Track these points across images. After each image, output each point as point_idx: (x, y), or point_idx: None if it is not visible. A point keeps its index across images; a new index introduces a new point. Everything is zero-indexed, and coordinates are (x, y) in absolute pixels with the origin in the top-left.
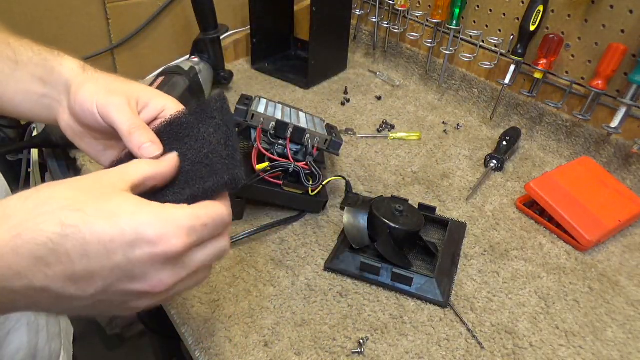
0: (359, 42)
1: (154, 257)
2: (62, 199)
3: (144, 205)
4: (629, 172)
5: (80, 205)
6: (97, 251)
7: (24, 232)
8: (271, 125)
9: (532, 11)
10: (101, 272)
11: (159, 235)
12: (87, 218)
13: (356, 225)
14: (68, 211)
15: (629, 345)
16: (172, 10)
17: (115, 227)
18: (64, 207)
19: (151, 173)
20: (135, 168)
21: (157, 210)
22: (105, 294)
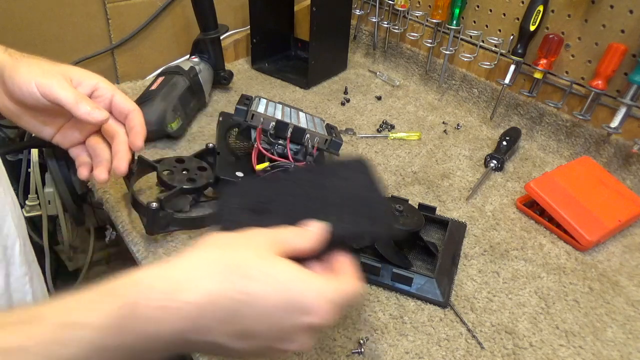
0: (359, 42)
1: (311, 326)
2: (225, 263)
3: (305, 276)
4: (629, 172)
5: (245, 270)
6: (267, 315)
7: (213, 296)
8: (271, 125)
9: (532, 11)
10: (266, 334)
11: (319, 309)
12: (258, 285)
13: None
14: (238, 277)
15: (629, 345)
16: (172, 10)
17: (283, 296)
18: (232, 272)
19: (302, 247)
20: (287, 237)
21: (318, 283)
22: (259, 349)
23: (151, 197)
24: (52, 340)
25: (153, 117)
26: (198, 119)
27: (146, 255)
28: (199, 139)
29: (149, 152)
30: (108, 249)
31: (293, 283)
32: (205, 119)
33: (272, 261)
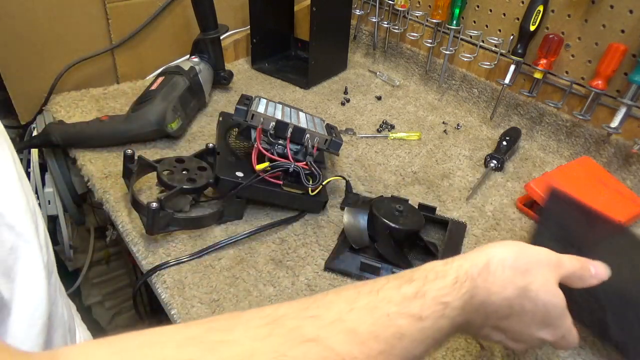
0: (359, 42)
1: (543, 340)
2: (512, 267)
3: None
4: (629, 172)
5: (528, 278)
6: (529, 322)
7: (513, 298)
8: (271, 125)
9: (532, 11)
10: (520, 329)
11: (557, 334)
12: (534, 287)
13: (356, 225)
14: (520, 276)
15: None
16: (172, 10)
17: (553, 299)
18: (515, 274)
19: (577, 270)
20: (568, 261)
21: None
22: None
23: (151, 197)
24: (435, 313)
25: (153, 117)
26: (198, 119)
27: (146, 255)
28: (199, 139)
29: (149, 152)
30: (108, 249)
31: (557, 303)
32: (205, 119)
33: (549, 284)
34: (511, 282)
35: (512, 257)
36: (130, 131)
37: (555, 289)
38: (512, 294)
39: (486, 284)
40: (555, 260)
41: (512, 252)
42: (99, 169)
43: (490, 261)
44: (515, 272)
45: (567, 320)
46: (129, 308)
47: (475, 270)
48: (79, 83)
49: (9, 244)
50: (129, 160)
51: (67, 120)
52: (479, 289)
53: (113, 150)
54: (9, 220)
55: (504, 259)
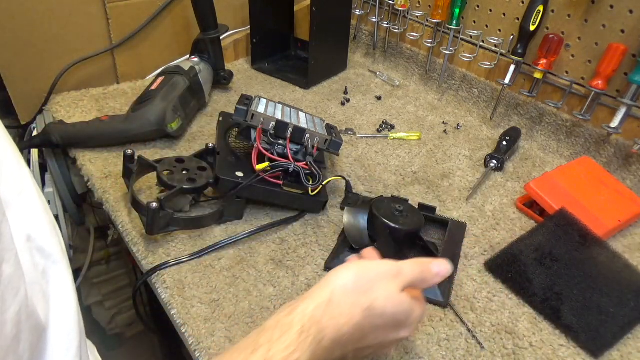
0: (359, 42)
1: (401, 338)
2: (354, 290)
3: (411, 303)
4: (629, 172)
5: (371, 296)
6: (382, 333)
7: (357, 326)
8: (271, 125)
9: (532, 11)
10: (379, 340)
11: (412, 326)
12: (381, 320)
13: (356, 225)
14: (364, 297)
15: (628, 345)
16: (172, 10)
17: (395, 319)
18: (359, 297)
19: (418, 275)
20: (409, 268)
21: (417, 308)
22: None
23: (151, 197)
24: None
25: (153, 117)
26: (198, 119)
27: (146, 255)
28: (199, 139)
29: (149, 152)
30: (108, 249)
31: (404, 309)
32: (205, 119)
33: (393, 295)
34: (356, 306)
35: (352, 281)
36: (130, 131)
37: (399, 298)
38: (360, 318)
39: (333, 320)
40: (395, 271)
41: (352, 276)
42: (99, 169)
43: (333, 294)
44: (358, 294)
45: (416, 314)
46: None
47: (319, 312)
48: (79, 83)
49: (41, 267)
50: (129, 160)
51: (67, 120)
52: (326, 330)
53: (113, 150)
54: (39, 243)
55: (345, 285)
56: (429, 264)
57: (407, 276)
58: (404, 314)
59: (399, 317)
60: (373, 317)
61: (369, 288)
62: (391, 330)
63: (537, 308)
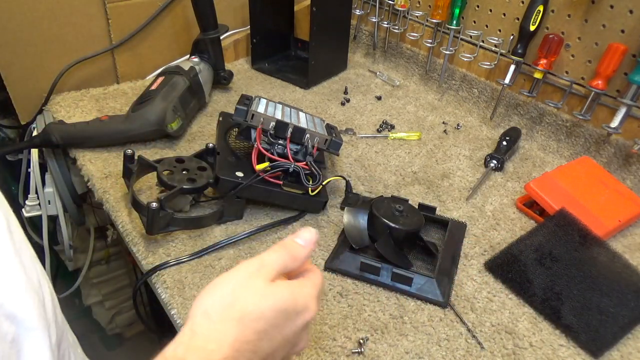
0: (359, 42)
1: (307, 323)
2: (218, 311)
3: (290, 287)
4: (629, 172)
5: (238, 305)
6: (277, 333)
7: (236, 343)
8: (271, 125)
9: (532, 11)
10: (281, 346)
11: (310, 306)
12: (263, 321)
13: (356, 225)
14: (232, 310)
15: (628, 345)
16: (172, 10)
17: (282, 311)
18: (226, 313)
19: (285, 256)
20: (271, 256)
21: (300, 287)
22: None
23: (151, 197)
24: None
25: (153, 117)
26: (198, 119)
27: (146, 255)
28: (199, 139)
29: (149, 152)
30: (108, 249)
31: (284, 298)
32: (205, 119)
33: (263, 291)
34: (226, 322)
35: (212, 300)
36: (130, 131)
37: (270, 291)
38: (237, 332)
39: (197, 353)
40: (256, 266)
41: (210, 295)
42: (99, 169)
43: (194, 325)
44: (223, 312)
45: (306, 290)
46: (129, 308)
47: (180, 350)
48: (79, 83)
49: (10, 336)
50: (129, 160)
51: (67, 120)
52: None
53: (113, 150)
54: (8, 309)
55: (205, 311)
56: (292, 239)
57: (271, 264)
58: (288, 302)
59: (284, 308)
60: (253, 323)
61: (234, 298)
62: (287, 324)
63: (537, 308)
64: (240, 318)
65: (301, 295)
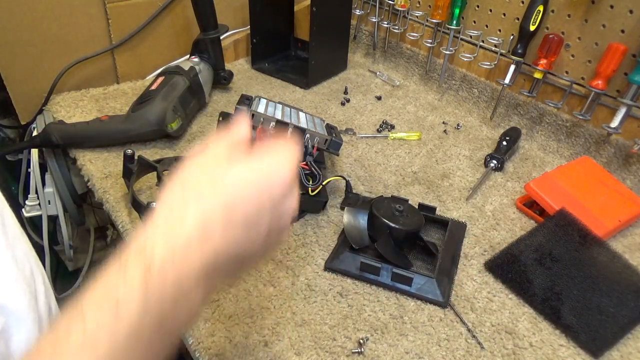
0: (359, 42)
1: (288, 186)
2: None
3: (262, 159)
4: (629, 172)
5: (219, 180)
6: (255, 196)
7: (206, 211)
8: (271, 125)
9: (532, 11)
10: (262, 213)
11: (285, 171)
12: (235, 186)
13: (356, 225)
14: (218, 187)
15: (628, 345)
16: (172, 10)
17: (257, 179)
18: (211, 185)
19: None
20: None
21: (271, 157)
22: (267, 231)
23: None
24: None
25: (153, 117)
26: (198, 119)
27: None
28: (199, 139)
29: (149, 152)
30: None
31: (258, 169)
32: (205, 119)
33: (235, 165)
34: (187, 207)
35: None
36: (130, 131)
37: (227, 168)
38: (210, 200)
39: (156, 236)
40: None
41: (176, 183)
42: (99, 169)
43: (156, 213)
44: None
45: (271, 158)
46: None
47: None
48: (79, 83)
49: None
50: (129, 160)
51: (67, 120)
52: (151, 251)
53: (113, 150)
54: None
55: (166, 196)
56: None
57: (228, 137)
58: (251, 172)
59: (248, 178)
60: (234, 188)
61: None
62: (260, 195)
63: (537, 308)
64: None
65: (272, 165)
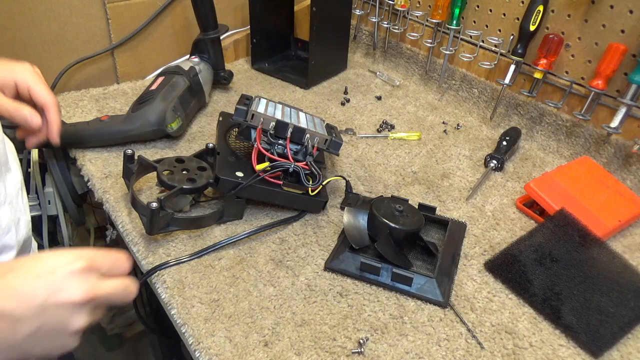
0: (359, 42)
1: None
2: None
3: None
4: (629, 172)
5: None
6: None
7: None
8: (271, 125)
9: (532, 11)
10: (34, 288)
11: (61, 257)
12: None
13: (356, 225)
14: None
15: (628, 345)
16: (172, 10)
17: (34, 265)
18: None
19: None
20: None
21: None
22: (43, 310)
23: (151, 197)
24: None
25: (153, 117)
26: (198, 119)
27: (146, 255)
28: (199, 139)
29: (149, 152)
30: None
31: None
32: (205, 119)
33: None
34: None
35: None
36: (130, 131)
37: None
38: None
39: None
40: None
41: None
42: (99, 169)
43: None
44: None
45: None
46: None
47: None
48: (79, 83)
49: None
50: (129, 160)
51: (67, 120)
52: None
53: (113, 150)
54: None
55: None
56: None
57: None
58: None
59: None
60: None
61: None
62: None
63: (537, 308)
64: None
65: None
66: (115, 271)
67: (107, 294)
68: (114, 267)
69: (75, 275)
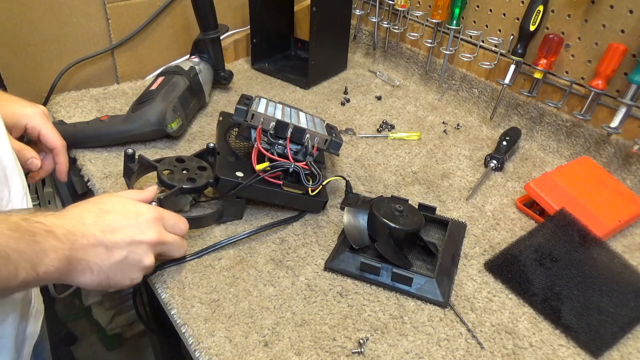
0: (359, 42)
1: (151, 219)
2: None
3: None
4: (629, 172)
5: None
6: (123, 214)
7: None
8: (271, 125)
9: (532, 11)
10: (124, 224)
11: (148, 210)
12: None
13: (356, 225)
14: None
15: (628, 345)
16: (172, 10)
17: (127, 206)
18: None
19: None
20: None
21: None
22: (125, 242)
23: None
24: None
25: (153, 117)
26: (198, 119)
27: None
28: (199, 139)
29: (149, 152)
30: None
31: (131, 202)
32: (205, 119)
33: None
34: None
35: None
36: (130, 131)
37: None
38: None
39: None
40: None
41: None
42: (99, 169)
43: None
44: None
45: (148, 215)
46: (129, 308)
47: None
48: (79, 83)
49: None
50: (130, 159)
51: (67, 120)
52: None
53: (113, 150)
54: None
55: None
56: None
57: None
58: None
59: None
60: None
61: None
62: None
63: (537, 308)
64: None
65: (143, 214)
66: (176, 230)
67: (169, 242)
68: (175, 225)
69: (152, 221)
